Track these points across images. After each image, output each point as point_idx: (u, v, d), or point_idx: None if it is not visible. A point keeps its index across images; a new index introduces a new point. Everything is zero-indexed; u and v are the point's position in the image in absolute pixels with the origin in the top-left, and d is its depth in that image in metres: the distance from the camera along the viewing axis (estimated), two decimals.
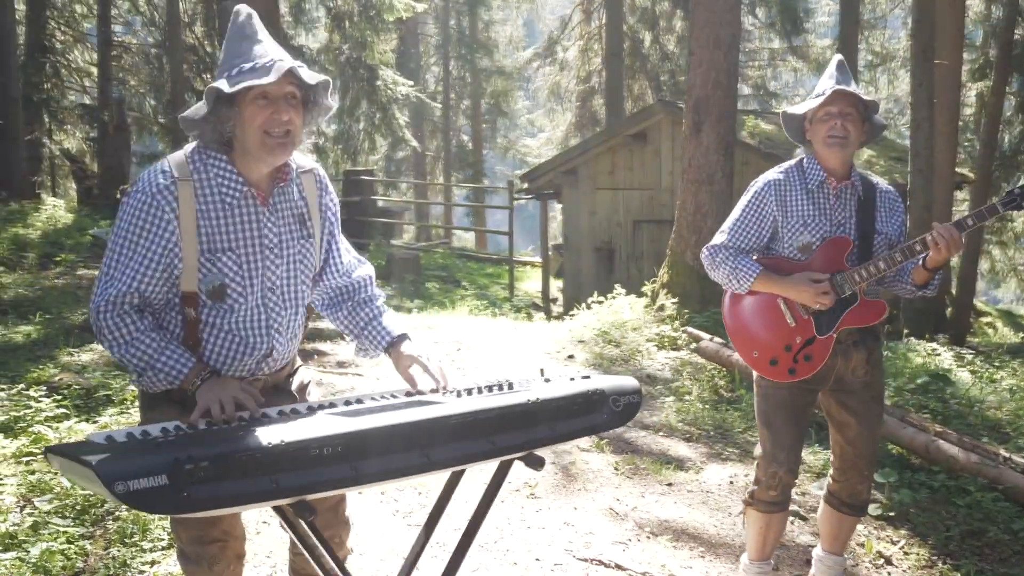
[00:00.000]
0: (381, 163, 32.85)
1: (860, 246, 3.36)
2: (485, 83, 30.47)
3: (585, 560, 4.00)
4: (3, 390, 5.44)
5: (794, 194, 3.37)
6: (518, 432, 2.34)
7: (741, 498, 3.78)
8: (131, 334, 2.35)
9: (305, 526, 2.18)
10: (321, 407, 2.35)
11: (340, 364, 7.57)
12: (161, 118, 20.55)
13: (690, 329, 8.32)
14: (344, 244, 2.78)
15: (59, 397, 5.37)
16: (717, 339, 7.58)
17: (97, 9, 23.17)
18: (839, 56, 3.51)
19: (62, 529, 3.90)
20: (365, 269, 2.82)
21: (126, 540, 3.86)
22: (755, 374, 3.51)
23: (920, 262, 3.29)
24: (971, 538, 4.45)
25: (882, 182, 3.52)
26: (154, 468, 1.84)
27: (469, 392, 2.48)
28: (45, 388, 5.52)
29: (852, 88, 3.27)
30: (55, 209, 15.38)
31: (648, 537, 4.30)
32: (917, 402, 6.40)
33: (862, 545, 4.38)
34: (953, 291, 14.60)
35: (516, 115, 35.32)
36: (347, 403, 2.44)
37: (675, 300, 9.24)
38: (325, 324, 9.54)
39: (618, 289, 10.13)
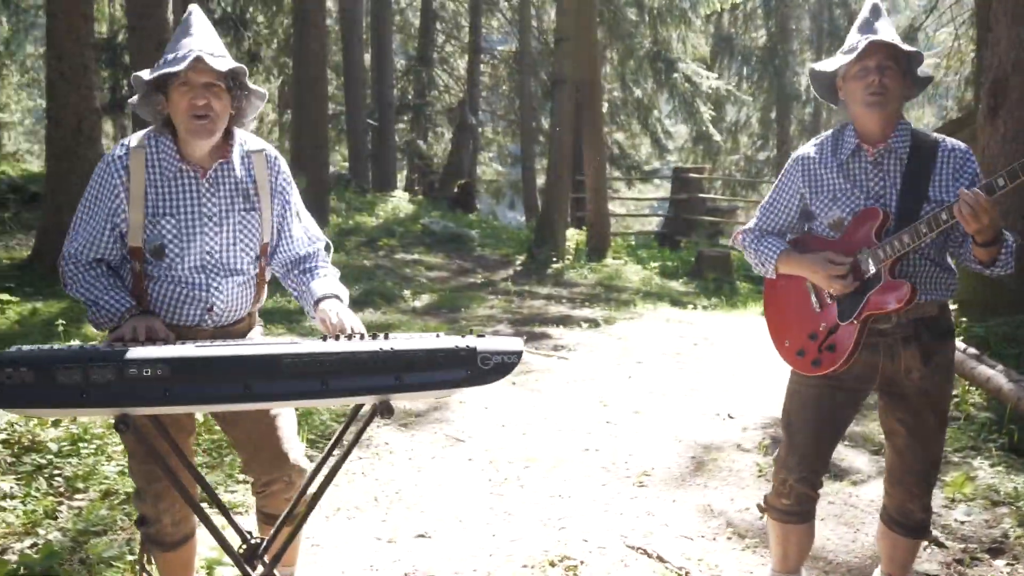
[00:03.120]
0: (742, 163, 32.29)
1: (903, 218, 2.85)
2: None
3: (632, 548, 3.83)
4: None
5: (825, 167, 2.96)
6: (356, 378, 2.38)
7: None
8: (84, 279, 2.70)
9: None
10: (213, 343, 2.53)
11: (555, 348, 7.73)
12: (513, 117, 21.98)
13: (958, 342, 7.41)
14: (299, 221, 2.93)
15: None
16: (971, 350, 6.69)
17: (469, 20, 25.26)
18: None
19: None
20: (316, 245, 2.96)
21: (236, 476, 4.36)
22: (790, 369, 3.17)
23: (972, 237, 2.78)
24: None
25: (950, 140, 2.96)
26: None
27: (337, 339, 2.55)
28: None
29: (889, 38, 2.81)
30: (399, 200, 17.09)
31: (728, 538, 4.01)
32: None
33: None
34: None
35: None
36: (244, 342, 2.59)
37: (953, 307, 8.24)
38: (573, 311, 9.75)
39: None
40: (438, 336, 2.61)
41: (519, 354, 2.53)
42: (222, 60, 2.61)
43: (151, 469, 2.67)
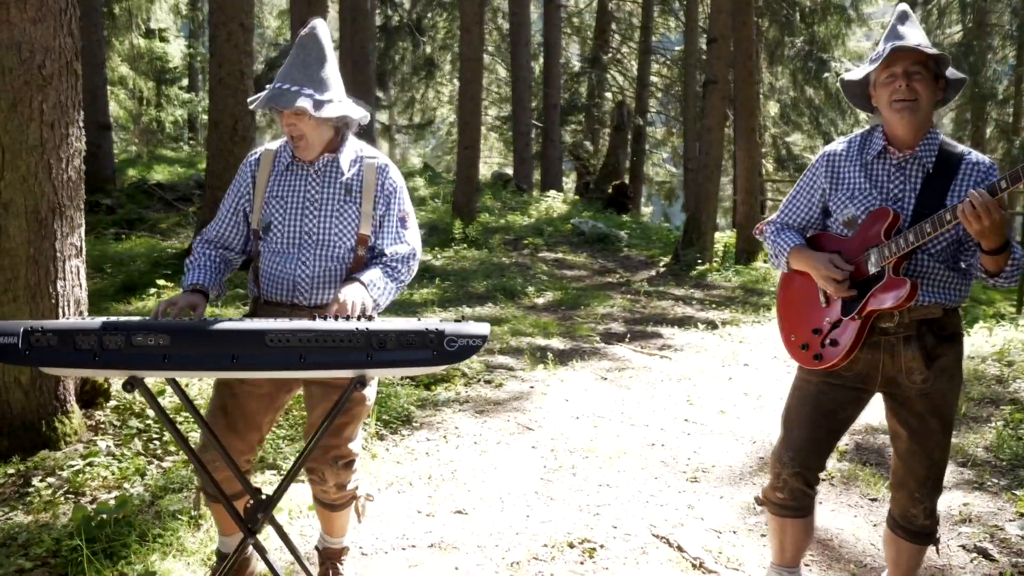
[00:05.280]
0: None
1: (916, 223, 2.89)
2: None
3: (656, 537, 3.94)
4: None
5: (850, 165, 3.01)
6: (331, 354, 2.65)
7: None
8: (195, 252, 3.24)
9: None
10: (230, 319, 2.89)
11: (662, 347, 7.78)
12: (680, 119, 21.84)
13: None
14: (400, 227, 3.22)
15: None
16: None
17: (641, 20, 25.30)
18: (902, 5, 3.03)
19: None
20: (397, 248, 3.21)
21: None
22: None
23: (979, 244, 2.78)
24: None
25: (975, 154, 2.95)
26: (11, 331, 2.60)
27: (325, 319, 2.83)
28: None
29: (913, 43, 2.82)
30: (553, 200, 17.35)
31: (761, 535, 4.02)
32: None
33: None
34: None
35: None
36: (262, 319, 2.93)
37: None
38: (690, 310, 9.72)
39: None
40: (419, 320, 2.86)
41: (484, 338, 2.72)
42: (320, 106, 2.99)
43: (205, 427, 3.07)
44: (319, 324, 2.71)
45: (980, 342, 8.32)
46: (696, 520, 4.16)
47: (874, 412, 6.06)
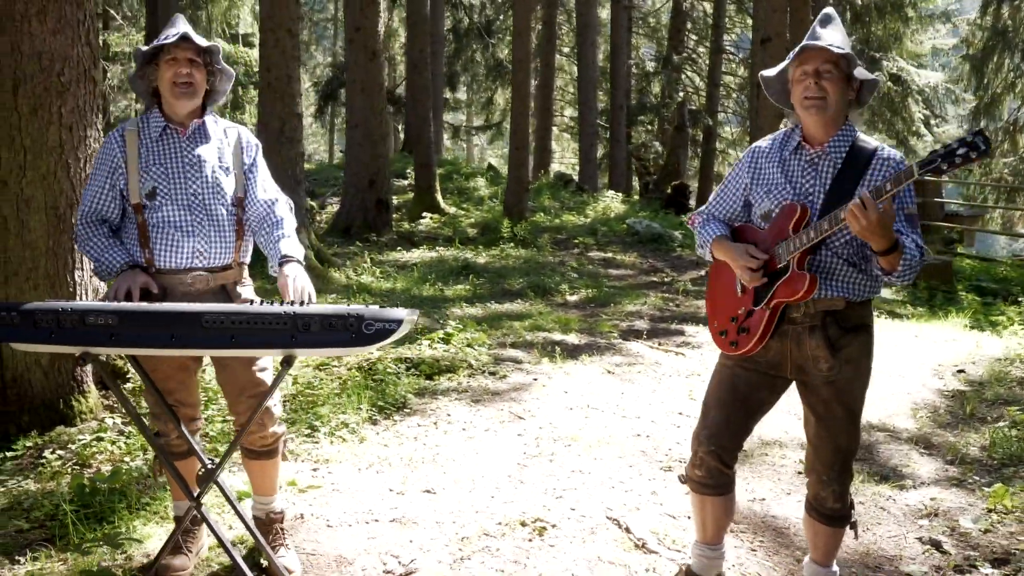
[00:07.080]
0: (1021, 166, 29.68)
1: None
2: None
3: (609, 519, 4.11)
4: None
5: (770, 161, 3.18)
6: (258, 335, 2.92)
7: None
8: (91, 237, 3.42)
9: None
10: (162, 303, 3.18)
11: (681, 344, 7.89)
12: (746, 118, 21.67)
13: None
14: (262, 183, 3.54)
15: None
16: None
17: (712, 18, 25.16)
18: (828, 8, 3.18)
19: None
20: (278, 200, 3.54)
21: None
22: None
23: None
24: None
25: (888, 150, 3.09)
26: None
27: (262, 303, 3.10)
28: None
29: (823, 43, 2.96)
30: (611, 201, 17.45)
31: None
32: None
33: None
34: None
35: None
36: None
37: None
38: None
39: None
40: (348, 306, 3.11)
41: (399, 322, 2.96)
42: (202, 40, 3.36)
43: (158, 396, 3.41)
44: (251, 308, 2.98)
45: (1014, 344, 8.21)
46: (655, 505, 4.32)
47: (870, 410, 6.09)
